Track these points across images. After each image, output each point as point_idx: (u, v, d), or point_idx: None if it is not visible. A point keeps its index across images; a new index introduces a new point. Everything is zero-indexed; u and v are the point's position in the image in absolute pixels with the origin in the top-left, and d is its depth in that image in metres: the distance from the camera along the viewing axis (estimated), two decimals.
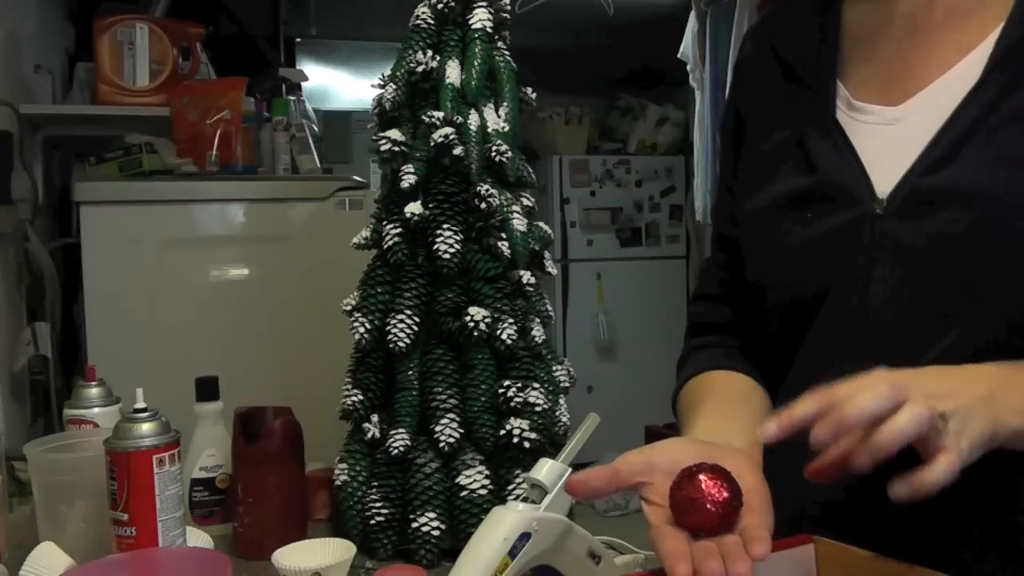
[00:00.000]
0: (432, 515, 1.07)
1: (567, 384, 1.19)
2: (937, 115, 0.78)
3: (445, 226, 1.10)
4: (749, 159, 0.93)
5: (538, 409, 1.09)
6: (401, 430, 1.09)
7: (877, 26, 0.85)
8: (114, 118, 2.23)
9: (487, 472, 1.08)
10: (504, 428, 1.08)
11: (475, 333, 1.07)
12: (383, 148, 1.13)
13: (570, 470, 0.75)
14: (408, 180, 1.11)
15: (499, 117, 1.15)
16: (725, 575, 0.58)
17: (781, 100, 0.90)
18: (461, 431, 1.08)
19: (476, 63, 1.13)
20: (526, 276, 1.13)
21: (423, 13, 1.16)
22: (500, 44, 1.18)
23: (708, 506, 0.64)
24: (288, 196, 2.07)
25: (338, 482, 1.13)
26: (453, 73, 1.13)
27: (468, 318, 1.07)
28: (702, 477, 0.65)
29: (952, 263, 0.75)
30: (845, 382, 0.63)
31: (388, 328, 1.10)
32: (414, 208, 1.10)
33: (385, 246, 1.12)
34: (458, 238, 1.10)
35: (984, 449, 0.62)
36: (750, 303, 0.91)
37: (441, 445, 1.07)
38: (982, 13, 0.79)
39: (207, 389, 1.22)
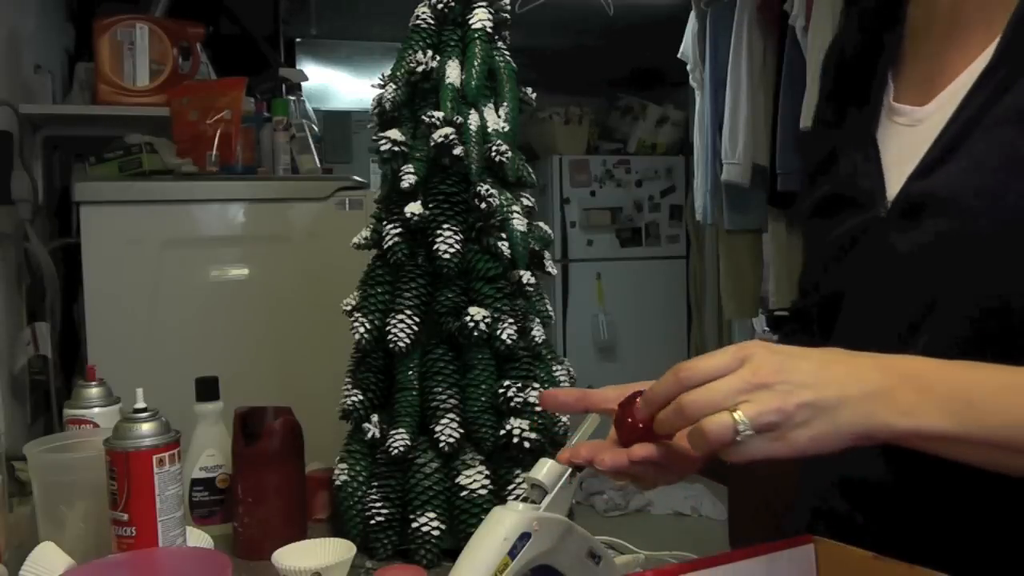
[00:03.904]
0: (432, 515, 1.07)
1: (567, 384, 1.19)
2: (949, 116, 0.76)
3: (445, 226, 1.10)
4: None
5: (538, 409, 1.09)
6: (401, 430, 1.09)
7: (927, 22, 0.82)
8: (114, 118, 2.23)
9: (487, 472, 1.08)
10: (504, 428, 1.08)
11: (475, 333, 1.07)
12: (383, 148, 1.13)
13: (570, 470, 0.75)
14: (408, 180, 1.11)
15: (499, 117, 1.15)
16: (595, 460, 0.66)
17: (839, 102, 0.89)
18: (461, 431, 1.08)
19: (476, 63, 1.13)
20: (526, 276, 1.13)
21: (423, 13, 1.16)
22: (500, 44, 1.18)
23: (636, 424, 0.67)
24: (288, 196, 2.07)
25: (338, 482, 1.13)
26: (453, 73, 1.13)
27: (468, 318, 1.07)
28: (638, 400, 0.67)
29: (921, 272, 0.75)
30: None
31: (388, 328, 1.10)
32: (414, 208, 1.10)
33: (385, 246, 1.12)
34: (458, 238, 1.10)
35: (853, 443, 0.60)
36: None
37: (441, 445, 1.07)
38: (1008, 5, 0.74)
39: (207, 389, 1.22)
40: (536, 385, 1.10)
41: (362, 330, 1.13)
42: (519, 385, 1.09)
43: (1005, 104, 0.71)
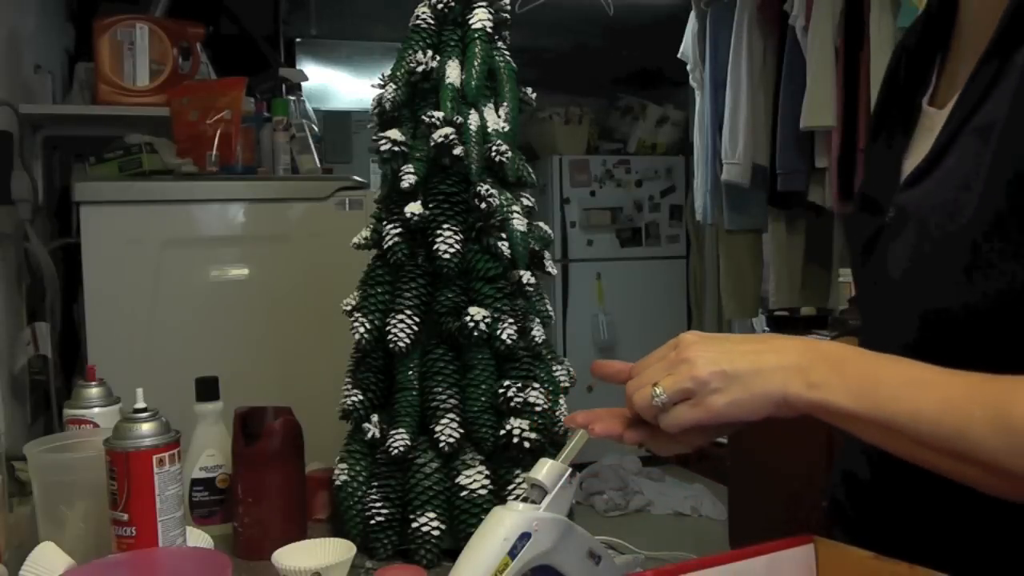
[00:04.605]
0: (432, 515, 1.07)
1: (567, 384, 1.19)
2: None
3: (445, 226, 1.10)
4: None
5: (538, 409, 1.09)
6: (401, 430, 1.09)
7: (968, 23, 0.80)
8: (114, 118, 2.23)
9: (487, 472, 1.08)
10: (504, 428, 1.08)
11: (475, 333, 1.07)
12: (383, 148, 1.13)
13: (570, 470, 0.75)
14: (408, 180, 1.11)
15: (499, 117, 1.15)
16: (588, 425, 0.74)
17: (891, 105, 0.89)
18: (461, 431, 1.08)
19: (476, 63, 1.13)
20: (526, 276, 1.13)
21: (423, 13, 1.16)
22: (500, 44, 1.18)
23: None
24: (288, 196, 2.07)
25: (338, 482, 1.13)
26: (453, 73, 1.13)
27: (468, 318, 1.07)
28: None
29: (897, 286, 0.76)
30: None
31: (388, 328, 1.10)
32: (414, 208, 1.10)
33: (385, 246, 1.12)
34: (458, 238, 1.10)
35: (771, 409, 0.67)
36: None
37: (441, 445, 1.07)
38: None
39: (207, 389, 1.22)
40: (536, 385, 1.10)
41: (362, 330, 1.13)
42: (519, 385, 1.09)
43: (982, 113, 0.71)
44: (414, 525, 1.07)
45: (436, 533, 1.06)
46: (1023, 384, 0.61)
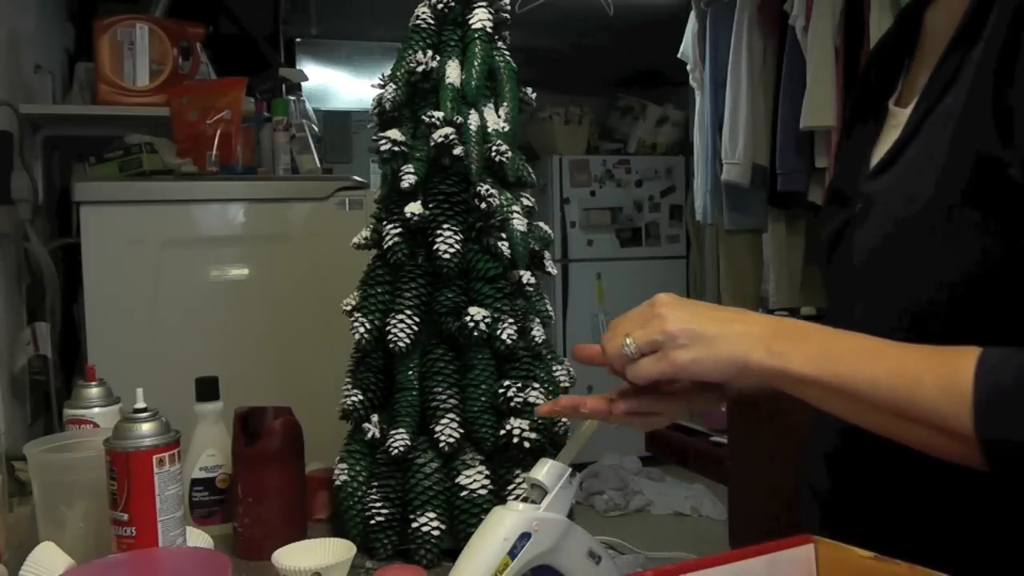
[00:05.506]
0: (432, 515, 1.07)
1: (567, 384, 1.19)
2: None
3: (445, 226, 1.10)
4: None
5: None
6: (401, 430, 1.09)
7: (933, 28, 0.85)
8: (114, 118, 2.23)
9: (487, 472, 1.08)
10: (504, 428, 1.08)
11: (475, 333, 1.07)
12: (383, 148, 1.13)
13: (570, 470, 0.75)
14: (408, 180, 1.11)
15: (499, 117, 1.15)
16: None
17: (862, 105, 0.93)
18: (461, 431, 1.08)
19: (476, 63, 1.13)
20: (526, 276, 1.13)
21: (423, 13, 1.16)
22: (500, 44, 1.18)
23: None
24: (288, 196, 2.07)
25: (338, 482, 1.13)
26: (453, 73, 1.13)
27: (468, 318, 1.07)
28: None
29: (857, 275, 0.81)
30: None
31: (388, 328, 1.10)
32: (414, 208, 1.10)
33: (385, 246, 1.12)
34: (458, 238, 1.10)
35: (731, 371, 0.71)
36: None
37: (441, 445, 1.07)
38: None
39: (207, 389, 1.22)
40: (536, 385, 1.10)
41: (362, 330, 1.13)
42: (519, 385, 1.09)
43: (942, 105, 0.75)
44: (414, 525, 1.07)
45: (436, 533, 1.06)
46: (969, 352, 0.65)
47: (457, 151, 1.10)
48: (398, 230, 1.12)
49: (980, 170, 0.69)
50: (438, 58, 1.14)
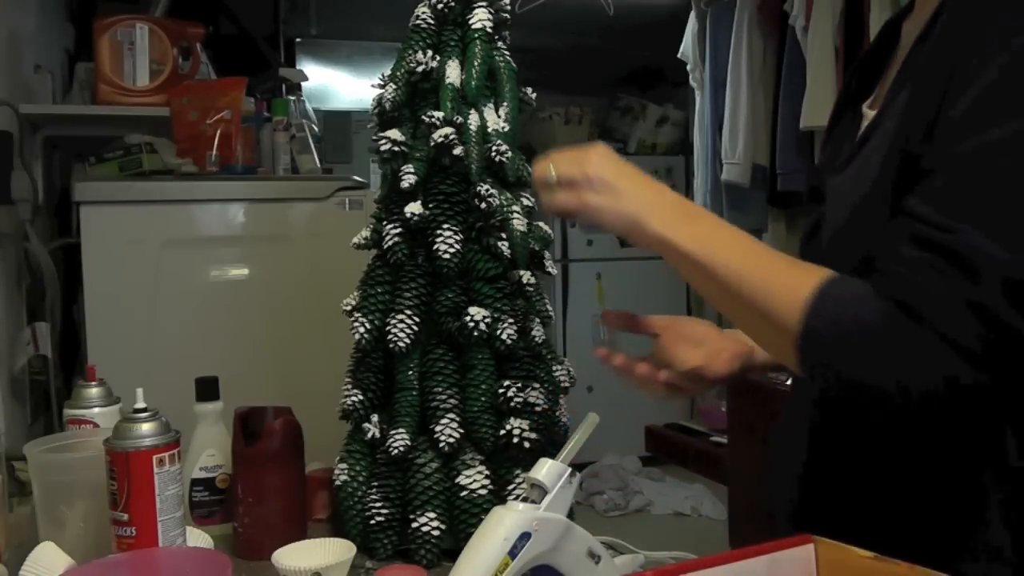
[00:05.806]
0: (432, 515, 1.07)
1: (567, 384, 1.19)
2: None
3: (445, 226, 1.10)
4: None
5: (538, 409, 1.09)
6: (401, 430, 1.09)
7: (909, 36, 0.88)
8: (114, 118, 2.23)
9: (487, 472, 1.08)
10: (504, 428, 1.08)
11: (475, 333, 1.07)
12: (383, 148, 1.13)
13: (570, 470, 0.75)
14: (408, 180, 1.11)
15: (499, 117, 1.15)
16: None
17: (842, 108, 0.98)
18: (461, 431, 1.08)
19: (476, 63, 1.13)
20: (526, 276, 1.13)
21: (423, 13, 1.16)
22: (500, 44, 1.18)
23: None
24: (288, 196, 2.07)
25: (338, 482, 1.13)
26: (453, 73, 1.13)
27: (468, 318, 1.07)
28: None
29: (823, 257, 0.84)
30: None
31: (388, 328, 1.10)
32: (414, 208, 1.11)
33: (385, 246, 1.12)
34: (458, 238, 1.10)
35: (624, 227, 0.80)
36: None
37: (441, 445, 1.07)
38: None
39: (207, 389, 1.22)
40: (536, 385, 1.11)
41: (362, 330, 1.13)
42: (519, 385, 1.09)
43: (893, 106, 0.79)
44: (414, 525, 1.07)
45: (436, 533, 1.06)
46: (819, 270, 0.74)
47: (457, 151, 1.10)
48: (398, 230, 1.12)
49: (905, 164, 0.75)
50: (438, 58, 1.14)
